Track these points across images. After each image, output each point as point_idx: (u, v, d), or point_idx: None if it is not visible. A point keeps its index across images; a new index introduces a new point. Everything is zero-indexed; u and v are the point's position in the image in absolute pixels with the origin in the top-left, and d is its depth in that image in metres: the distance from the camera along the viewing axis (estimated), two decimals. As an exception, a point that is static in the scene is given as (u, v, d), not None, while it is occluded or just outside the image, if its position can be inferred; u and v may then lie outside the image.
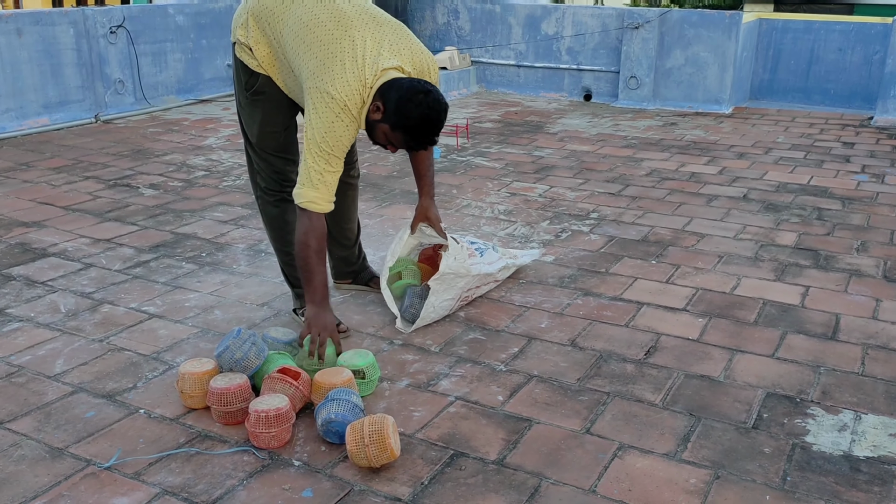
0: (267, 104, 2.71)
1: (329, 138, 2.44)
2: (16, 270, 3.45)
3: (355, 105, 2.45)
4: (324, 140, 2.44)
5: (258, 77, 2.68)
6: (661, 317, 3.05)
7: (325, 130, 2.44)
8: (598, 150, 5.81)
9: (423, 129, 2.45)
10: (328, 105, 2.42)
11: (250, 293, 3.22)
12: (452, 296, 2.92)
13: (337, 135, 2.45)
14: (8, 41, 6.00)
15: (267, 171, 2.82)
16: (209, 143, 5.88)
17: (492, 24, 8.33)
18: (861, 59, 7.41)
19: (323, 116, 2.43)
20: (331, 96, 2.41)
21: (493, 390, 2.51)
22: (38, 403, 2.42)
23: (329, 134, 2.44)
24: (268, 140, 2.77)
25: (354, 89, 2.43)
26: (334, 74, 2.42)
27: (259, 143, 2.78)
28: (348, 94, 2.42)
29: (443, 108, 2.46)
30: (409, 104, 2.40)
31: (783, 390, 2.52)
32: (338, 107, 2.42)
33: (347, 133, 2.47)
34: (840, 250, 3.77)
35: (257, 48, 2.63)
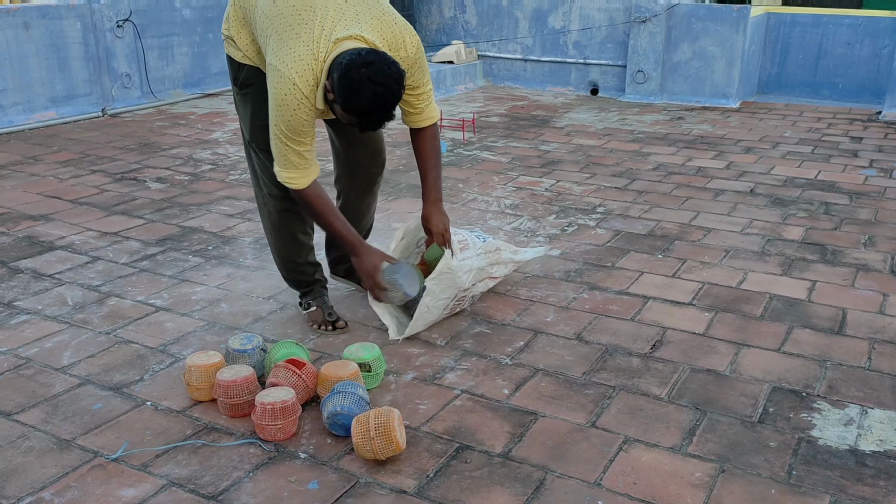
0: (257, 96, 2.57)
1: (281, 120, 2.31)
2: (23, 263, 3.47)
3: (307, 83, 2.28)
4: (277, 121, 2.33)
5: (244, 69, 2.60)
6: (668, 311, 3.04)
7: (278, 111, 2.31)
8: (605, 145, 5.80)
9: (374, 106, 2.21)
10: (278, 83, 2.28)
11: (257, 286, 3.22)
12: (448, 295, 2.81)
13: (286, 116, 2.31)
14: (15, 35, 6.02)
15: (264, 170, 2.69)
16: (216, 136, 5.89)
17: (498, 17, 8.31)
18: (870, 53, 7.37)
19: (275, 95, 2.30)
20: (280, 73, 2.27)
21: (498, 384, 2.52)
22: (45, 395, 2.43)
23: (281, 115, 2.31)
24: (259, 134, 2.61)
25: (307, 64, 2.27)
26: (288, 49, 2.27)
27: (252, 137, 2.66)
28: (298, 71, 2.26)
29: (392, 77, 2.19)
30: (350, 82, 2.17)
31: (789, 384, 2.52)
32: (286, 85, 2.27)
33: (297, 114, 2.31)
34: (847, 245, 3.76)
35: (240, 38, 2.55)
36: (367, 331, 2.87)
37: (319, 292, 2.90)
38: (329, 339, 2.80)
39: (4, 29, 5.94)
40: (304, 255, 2.85)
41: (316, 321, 2.85)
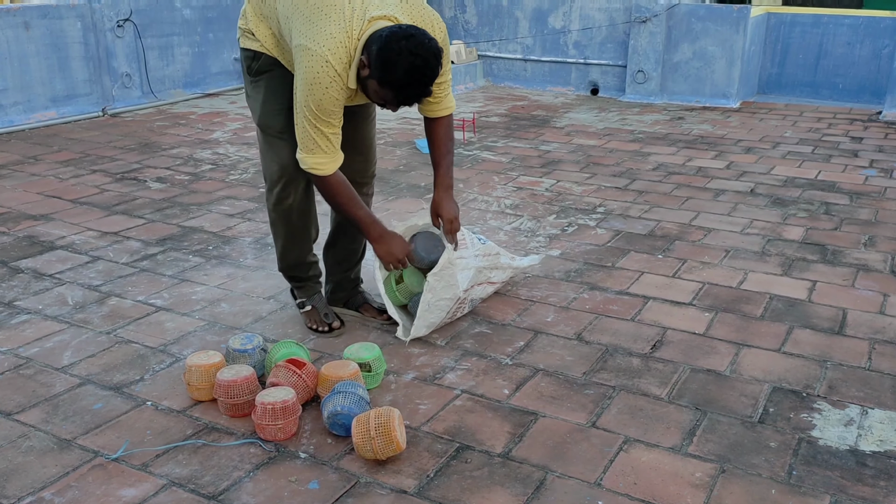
0: (270, 81, 2.57)
1: (311, 99, 2.29)
2: (24, 263, 3.47)
3: (339, 61, 2.27)
4: (307, 102, 2.30)
5: (260, 57, 2.57)
6: (668, 311, 3.05)
7: (308, 90, 2.28)
8: (605, 145, 5.80)
9: (411, 79, 2.21)
10: (309, 62, 2.25)
11: (257, 286, 3.22)
12: (450, 296, 2.79)
13: (317, 96, 2.28)
14: (16, 35, 6.02)
15: (270, 161, 2.65)
16: (216, 136, 5.89)
17: (499, 17, 8.31)
18: (870, 53, 7.37)
19: (305, 75, 2.27)
20: (311, 52, 2.24)
21: (498, 384, 2.52)
22: (46, 395, 2.43)
23: (311, 94, 2.28)
24: (271, 118, 2.59)
25: (339, 42, 2.25)
26: (318, 29, 2.25)
27: (262, 121, 2.61)
28: (331, 49, 2.24)
29: (431, 51, 2.21)
30: (389, 53, 2.18)
31: (789, 385, 2.52)
32: (318, 63, 2.24)
33: (329, 93, 2.28)
34: (847, 245, 3.76)
35: (258, 31, 2.54)
36: (368, 330, 2.87)
37: (314, 289, 2.88)
38: (329, 339, 2.80)
39: (5, 29, 5.94)
40: (303, 253, 2.83)
41: (313, 321, 2.84)
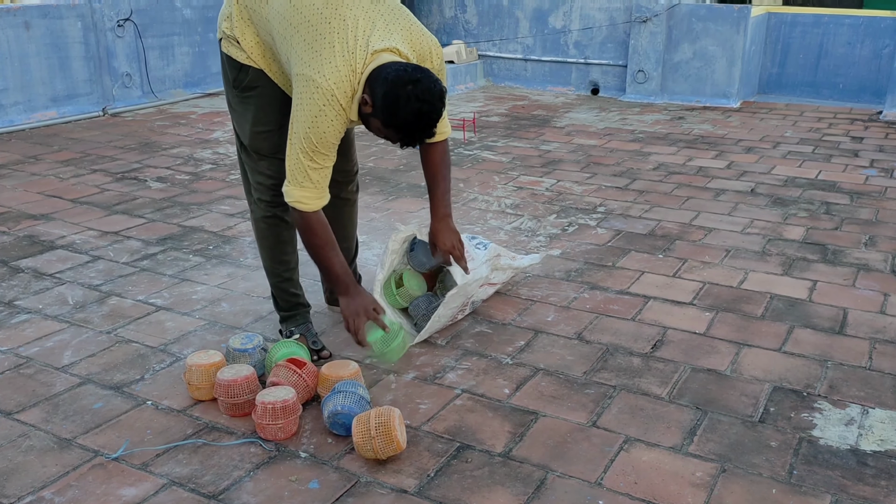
0: (259, 100, 2.49)
1: (313, 133, 2.23)
2: (24, 263, 3.47)
3: (344, 95, 2.22)
4: (307, 135, 2.23)
5: (248, 71, 2.47)
6: (668, 311, 3.04)
7: (310, 124, 2.22)
8: (606, 144, 5.79)
9: (415, 125, 2.20)
10: (313, 94, 2.20)
11: (257, 286, 3.22)
12: (459, 304, 2.80)
13: (321, 129, 2.23)
14: (16, 34, 6.02)
15: (261, 178, 2.56)
16: (216, 136, 5.89)
17: (499, 17, 8.31)
18: (870, 52, 7.37)
19: (307, 107, 2.21)
20: (316, 84, 2.19)
21: (499, 383, 2.52)
22: (46, 394, 2.43)
23: (313, 128, 2.22)
24: (261, 141, 2.52)
25: (344, 76, 2.20)
26: (322, 59, 2.19)
27: (252, 144, 2.53)
28: (336, 82, 2.20)
29: (435, 96, 2.19)
30: (396, 98, 2.15)
31: (790, 384, 2.52)
32: (323, 97, 2.20)
33: (333, 127, 2.25)
34: (848, 245, 3.76)
35: (244, 39, 2.43)
36: (368, 330, 2.86)
37: (303, 318, 2.73)
38: (330, 338, 2.80)
39: (5, 28, 5.94)
40: (288, 270, 2.72)
41: None
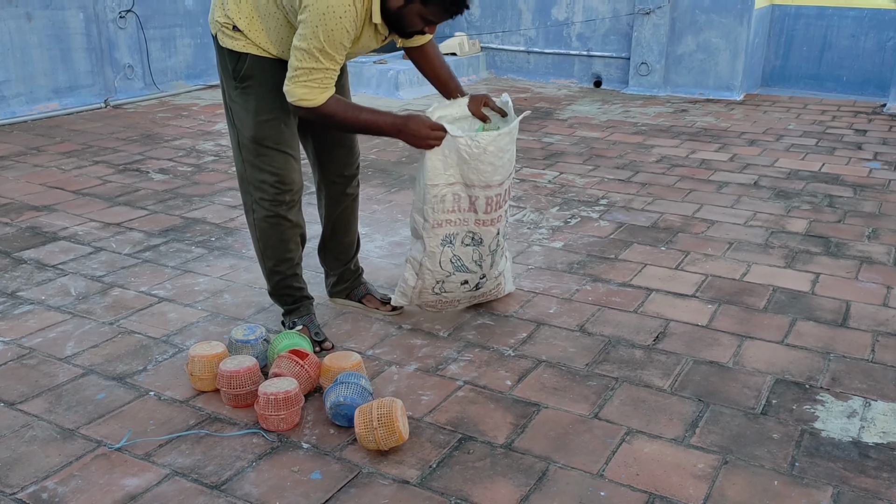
0: (259, 88, 2.46)
1: (322, 29, 2.21)
2: (26, 254, 3.47)
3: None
4: (315, 32, 2.21)
5: (246, 58, 2.43)
6: (671, 303, 3.04)
7: (320, 20, 2.20)
8: (608, 137, 5.78)
9: None
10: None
11: (259, 277, 3.20)
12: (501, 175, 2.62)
13: (330, 25, 2.21)
14: (18, 25, 6.01)
15: (265, 175, 2.52)
16: (218, 128, 5.88)
17: (502, 9, 8.28)
18: (874, 45, 7.34)
19: (317, 4, 2.20)
20: None
21: (501, 375, 2.52)
22: (49, 385, 2.44)
23: (323, 23, 2.20)
24: (266, 129, 2.48)
25: None
26: None
27: (257, 134, 2.48)
28: None
29: None
30: None
31: (792, 376, 2.52)
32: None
33: (342, 23, 2.22)
34: (851, 237, 3.75)
35: (240, 19, 2.39)
36: (370, 322, 2.87)
37: (307, 309, 2.73)
38: (332, 330, 2.80)
39: (7, 20, 5.94)
40: (291, 267, 2.70)
41: None
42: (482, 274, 2.77)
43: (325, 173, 2.81)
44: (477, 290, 2.83)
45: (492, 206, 2.65)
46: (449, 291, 2.77)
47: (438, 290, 2.75)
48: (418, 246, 2.70)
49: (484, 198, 2.62)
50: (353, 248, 2.96)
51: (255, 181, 2.56)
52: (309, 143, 2.76)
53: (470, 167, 2.55)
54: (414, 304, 2.83)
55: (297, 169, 2.59)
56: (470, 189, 2.60)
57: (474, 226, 2.67)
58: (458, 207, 2.62)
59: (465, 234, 2.68)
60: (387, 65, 7.35)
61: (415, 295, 2.78)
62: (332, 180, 2.81)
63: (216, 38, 2.50)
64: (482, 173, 2.57)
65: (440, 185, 2.57)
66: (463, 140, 2.52)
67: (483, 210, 2.64)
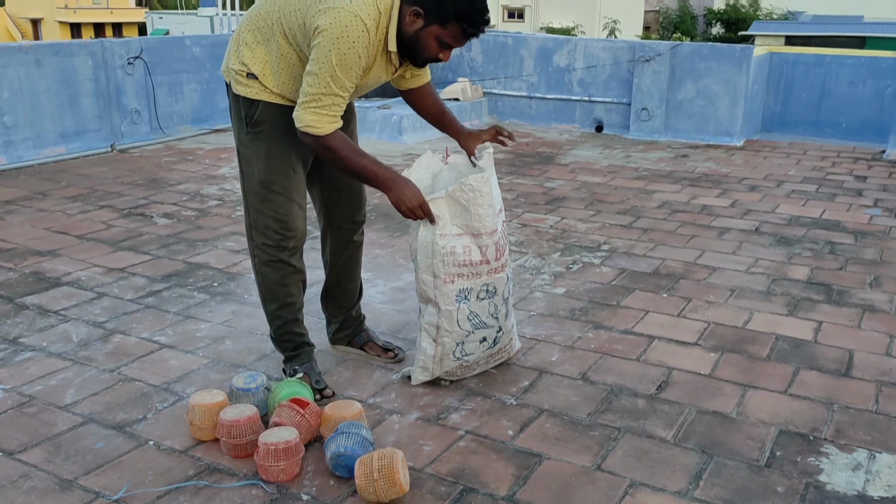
0: (271, 134, 2.49)
1: (335, 52, 2.24)
2: (29, 299, 3.48)
3: (369, 16, 2.27)
4: (328, 56, 2.25)
5: (257, 105, 2.48)
6: (673, 351, 3.03)
7: (333, 43, 2.24)
8: (610, 182, 5.82)
9: (475, 6, 2.29)
10: (336, 17, 2.24)
11: (261, 323, 3.21)
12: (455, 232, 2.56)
13: (343, 49, 2.25)
14: (28, 72, 6.11)
15: (270, 220, 2.55)
16: (223, 172, 5.93)
17: (504, 56, 8.40)
18: (873, 92, 7.42)
19: (332, 29, 2.23)
20: (338, 9, 2.24)
21: (503, 424, 2.50)
22: (48, 434, 2.42)
23: (337, 46, 2.24)
24: (275, 173, 2.52)
25: (365, 1, 2.27)
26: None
27: (266, 178, 2.51)
28: (359, 5, 2.26)
29: None
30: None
31: (796, 427, 2.50)
32: (347, 17, 2.24)
33: (355, 47, 2.26)
34: (853, 285, 3.75)
35: (255, 65, 2.44)
36: (372, 369, 2.86)
37: (308, 356, 2.72)
38: (333, 377, 2.79)
39: (17, 66, 6.03)
40: (293, 311, 2.71)
41: None
42: (499, 327, 2.72)
43: (332, 219, 2.83)
44: (494, 347, 2.75)
45: (500, 250, 2.65)
46: (469, 353, 2.69)
47: (459, 353, 2.67)
48: (430, 310, 2.62)
49: (493, 245, 2.61)
50: (356, 294, 2.96)
51: (261, 226, 2.59)
52: (317, 190, 2.79)
53: (472, 215, 2.55)
54: (435, 377, 2.70)
55: (302, 217, 2.62)
56: (478, 238, 2.58)
57: (488, 276, 2.63)
58: (469, 261, 2.58)
59: (480, 287, 2.63)
60: (391, 110, 7.44)
61: (436, 365, 2.66)
62: (339, 226, 2.83)
63: (230, 85, 2.55)
64: (484, 218, 2.57)
65: (448, 235, 2.55)
66: (458, 190, 2.52)
67: (494, 258, 2.62)
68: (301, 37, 2.37)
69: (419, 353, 2.68)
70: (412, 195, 2.46)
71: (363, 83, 2.47)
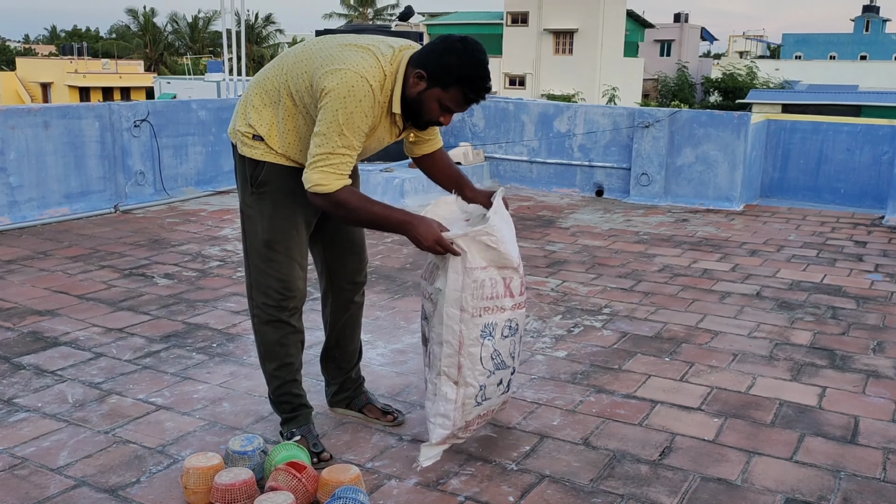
0: (275, 194, 2.52)
1: (342, 112, 2.30)
2: (26, 359, 3.45)
3: (374, 77, 2.33)
4: (335, 115, 2.30)
5: (262, 167, 2.50)
6: (676, 416, 2.99)
7: (340, 103, 2.29)
8: (611, 246, 5.84)
9: (478, 72, 2.34)
10: (342, 77, 2.30)
11: (259, 385, 3.18)
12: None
13: (350, 108, 2.30)
14: (35, 133, 6.20)
15: (269, 279, 2.56)
16: (225, 233, 5.96)
17: (505, 121, 8.53)
18: (870, 159, 7.51)
19: (339, 89, 2.29)
20: (345, 71, 2.30)
21: (503, 490, 2.45)
22: (39, 497, 2.37)
23: (344, 106, 2.29)
24: (279, 233, 2.54)
25: (372, 64, 2.34)
26: (345, 57, 2.34)
27: (269, 237, 2.54)
28: (366, 67, 2.32)
29: (483, 49, 2.38)
30: (452, 55, 2.33)
31: (803, 496, 2.45)
32: (353, 77, 2.30)
33: (362, 106, 2.31)
34: (856, 350, 3.72)
35: (261, 126, 2.48)
36: (370, 433, 2.82)
37: (305, 419, 2.69)
38: (331, 440, 2.75)
39: (25, 128, 6.12)
40: (291, 372, 2.68)
41: None
42: (513, 368, 2.69)
43: (333, 280, 2.83)
44: (507, 392, 2.72)
45: (523, 285, 2.66)
46: (489, 398, 2.63)
47: (480, 398, 2.60)
48: (448, 351, 2.54)
49: (518, 279, 2.61)
50: (355, 356, 2.94)
51: (262, 286, 2.60)
52: (318, 251, 2.80)
53: (499, 254, 2.54)
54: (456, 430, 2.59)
55: (303, 277, 2.62)
56: (503, 271, 2.57)
57: (511, 312, 2.61)
58: (495, 293, 2.56)
59: (504, 324, 2.60)
60: (393, 173, 7.52)
61: (457, 413, 2.57)
62: (340, 287, 2.83)
63: (236, 147, 2.59)
64: (509, 255, 2.56)
65: (477, 269, 2.51)
66: (483, 233, 2.51)
67: (518, 292, 2.62)
68: (308, 98, 2.41)
69: (438, 402, 2.56)
70: (428, 232, 2.44)
71: (368, 145, 2.50)
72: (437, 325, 2.57)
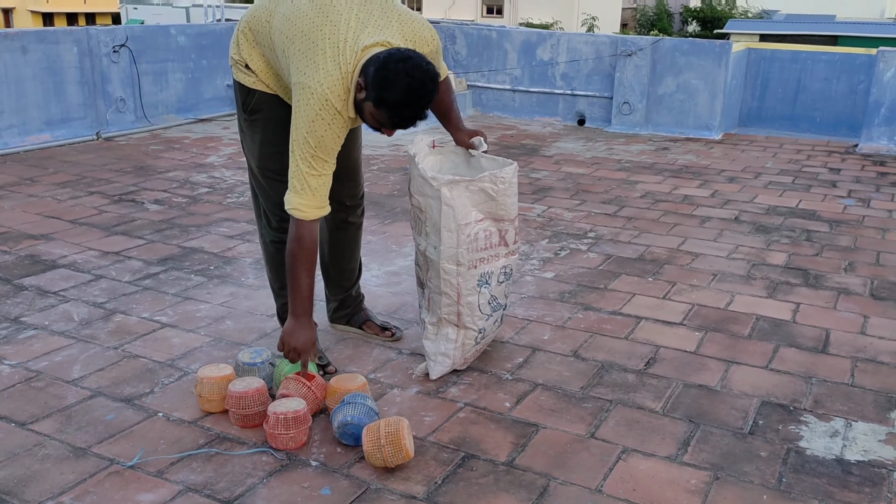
0: (266, 123, 2.58)
1: (311, 137, 2.28)
2: (27, 281, 3.52)
3: (339, 97, 2.28)
4: (306, 139, 2.28)
5: (254, 94, 2.56)
6: (660, 330, 3.16)
7: (308, 128, 2.27)
8: (594, 173, 5.95)
9: (408, 99, 2.19)
10: (309, 100, 2.26)
11: (260, 305, 3.30)
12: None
13: (318, 134, 2.28)
14: (13, 58, 6.10)
15: (270, 204, 2.66)
16: (211, 160, 5.97)
17: (488, 49, 8.50)
18: (846, 88, 7.63)
19: (304, 113, 2.27)
20: (311, 91, 2.25)
21: (500, 397, 2.61)
22: (58, 406, 2.49)
23: (311, 132, 2.28)
24: (269, 161, 2.60)
25: (336, 79, 2.26)
26: (316, 65, 2.26)
27: (261, 164, 2.62)
28: (329, 86, 2.25)
29: (428, 75, 2.20)
30: (387, 74, 2.17)
31: (777, 399, 2.63)
32: (318, 102, 2.25)
33: (331, 131, 2.30)
34: (829, 270, 3.91)
35: (252, 61, 2.52)
36: (371, 346, 2.95)
37: None
38: (334, 354, 2.88)
39: (3, 53, 6.02)
40: None
41: None
42: (506, 304, 2.85)
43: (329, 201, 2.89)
44: (502, 323, 2.89)
45: (518, 234, 2.77)
46: (486, 337, 2.80)
47: (479, 339, 2.75)
48: (446, 300, 2.64)
49: (513, 230, 2.72)
50: (354, 274, 3.04)
51: (265, 206, 2.70)
52: None
53: (498, 203, 2.63)
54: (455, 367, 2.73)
55: None
56: (499, 223, 2.66)
57: (506, 259, 2.73)
58: (490, 244, 2.66)
59: (500, 271, 2.71)
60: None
61: (457, 354, 2.70)
62: (335, 208, 2.90)
63: (232, 69, 2.63)
64: (508, 207, 2.66)
65: (472, 223, 2.60)
66: (487, 181, 2.60)
67: (512, 241, 2.73)
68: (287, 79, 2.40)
69: (440, 342, 2.69)
70: (303, 342, 2.44)
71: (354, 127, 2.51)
72: (433, 277, 2.66)
